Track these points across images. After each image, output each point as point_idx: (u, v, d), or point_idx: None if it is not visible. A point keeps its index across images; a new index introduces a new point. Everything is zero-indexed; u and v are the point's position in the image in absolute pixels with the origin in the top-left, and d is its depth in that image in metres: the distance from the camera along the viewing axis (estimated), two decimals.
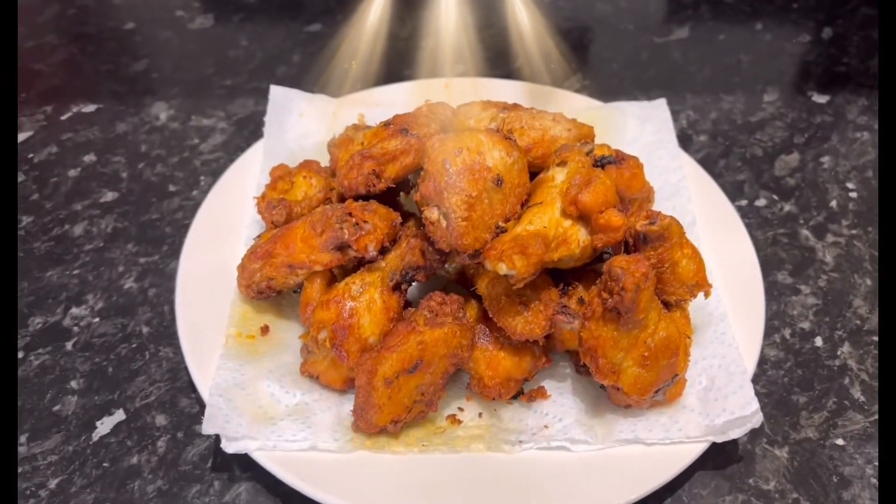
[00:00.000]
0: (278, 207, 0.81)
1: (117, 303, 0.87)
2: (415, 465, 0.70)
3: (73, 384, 0.79)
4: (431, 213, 0.70)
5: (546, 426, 0.73)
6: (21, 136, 1.06)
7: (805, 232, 0.96)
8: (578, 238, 0.70)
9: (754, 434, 0.74)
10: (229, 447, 0.69)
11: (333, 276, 0.77)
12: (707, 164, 1.04)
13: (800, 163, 1.05)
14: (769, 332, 0.85)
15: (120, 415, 0.77)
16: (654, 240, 0.70)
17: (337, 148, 0.85)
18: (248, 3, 1.31)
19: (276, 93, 0.99)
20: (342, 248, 0.74)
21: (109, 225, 0.95)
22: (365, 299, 0.72)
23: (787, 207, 0.98)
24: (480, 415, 0.75)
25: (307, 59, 1.20)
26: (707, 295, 0.74)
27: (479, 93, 1.00)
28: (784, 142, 1.08)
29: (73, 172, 1.01)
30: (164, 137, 1.06)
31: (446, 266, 0.78)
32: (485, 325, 0.74)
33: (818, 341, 0.84)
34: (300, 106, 0.99)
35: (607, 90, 1.16)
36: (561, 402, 0.75)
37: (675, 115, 1.11)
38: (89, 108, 1.11)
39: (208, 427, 0.69)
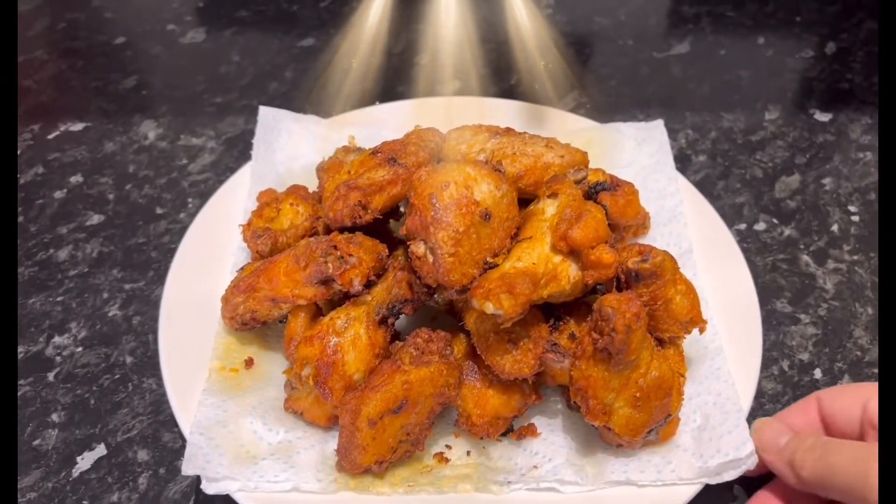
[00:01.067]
0: (263, 237, 0.79)
1: (101, 331, 0.85)
2: None
3: (55, 417, 0.78)
4: (418, 248, 0.68)
5: (535, 466, 0.71)
6: None
7: (805, 258, 0.93)
8: (569, 274, 0.68)
9: None
10: (209, 488, 0.67)
11: (319, 310, 0.75)
12: (706, 185, 1.01)
13: (801, 184, 1.02)
14: (767, 363, 0.83)
15: (101, 450, 0.76)
16: (647, 277, 0.68)
17: (325, 172, 0.83)
18: (240, 17, 1.29)
19: (265, 113, 0.97)
20: (326, 282, 0.71)
21: (95, 249, 0.93)
22: (350, 335, 0.70)
23: (787, 232, 0.96)
24: (469, 453, 0.73)
25: (300, 75, 1.18)
26: (702, 331, 0.72)
27: (470, 111, 0.98)
28: (785, 162, 1.05)
29: (58, 194, 1.00)
30: (152, 157, 1.04)
31: (435, 297, 0.76)
32: (473, 362, 0.72)
33: (817, 373, 0.82)
34: (289, 127, 0.97)
35: (606, 107, 1.14)
36: (551, 441, 0.73)
37: (674, 134, 1.09)
38: (77, 126, 1.09)
39: (188, 468, 0.67)
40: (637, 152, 0.96)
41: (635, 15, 1.32)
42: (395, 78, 1.17)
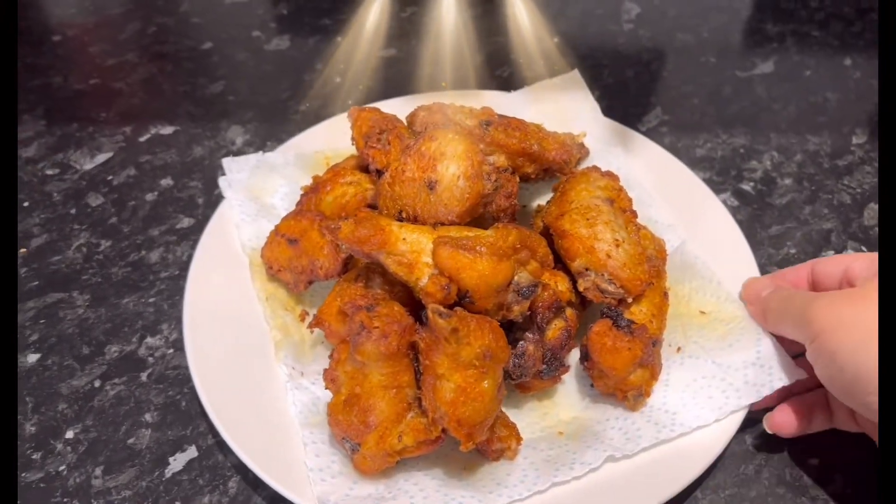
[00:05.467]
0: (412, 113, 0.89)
1: None
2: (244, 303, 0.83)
3: (148, 417, 0.80)
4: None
5: (302, 373, 0.78)
6: (101, 157, 1.08)
7: None
8: (422, 277, 0.67)
9: None
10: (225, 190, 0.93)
11: (371, 174, 0.85)
12: (792, 209, 1.00)
13: None
14: None
15: (192, 451, 0.77)
16: (429, 328, 0.63)
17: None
18: (323, 25, 1.31)
19: (575, 75, 1.05)
20: (367, 146, 0.84)
21: (185, 252, 0.95)
22: (343, 188, 0.84)
23: None
24: (312, 331, 0.81)
25: (382, 85, 1.19)
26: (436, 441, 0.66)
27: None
28: (874, 188, 1.03)
29: (150, 196, 1.02)
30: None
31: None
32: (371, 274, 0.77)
33: None
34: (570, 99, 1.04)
35: (688, 126, 1.13)
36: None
37: (758, 155, 1.08)
38: (167, 129, 1.12)
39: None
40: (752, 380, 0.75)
41: (718, 32, 1.30)
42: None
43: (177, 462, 0.77)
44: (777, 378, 0.73)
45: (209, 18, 1.33)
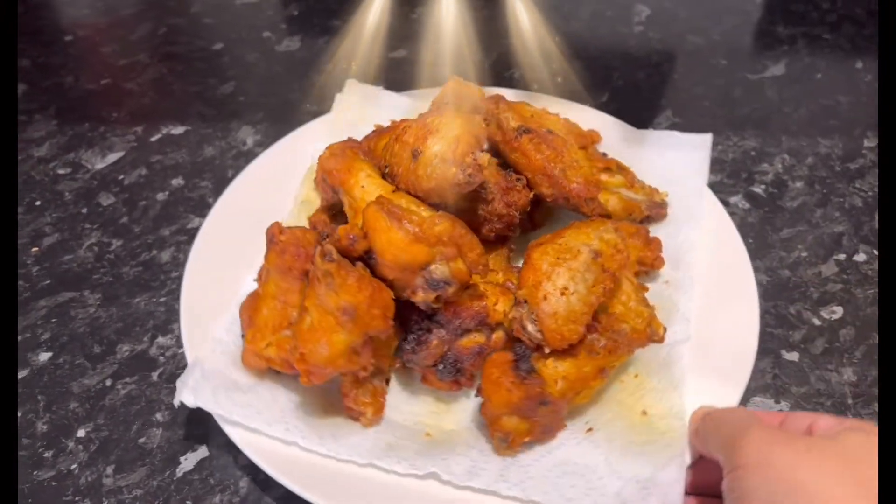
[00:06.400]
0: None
1: None
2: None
3: (159, 416, 0.80)
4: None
5: None
6: (112, 157, 1.08)
7: None
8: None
9: None
10: None
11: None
12: (803, 212, 1.00)
13: None
14: (869, 400, 0.81)
15: (203, 451, 0.77)
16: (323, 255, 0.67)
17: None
18: (333, 26, 1.31)
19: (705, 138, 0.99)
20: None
21: None
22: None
23: None
24: None
25: (392, 86, 1.19)
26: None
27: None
28: None
29: (161, 196, 1.03)
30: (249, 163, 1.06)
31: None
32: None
33: None
34: None
35: (699, 128, 1.11)
36: None
37: (770, 158, 1.08)
38: (178, 129, 1.12)
39: None
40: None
41: (729, 34, 1.30)
42: None
43: (188, 461, 0.77)
44: None
45: (220, 19, 1.33)
